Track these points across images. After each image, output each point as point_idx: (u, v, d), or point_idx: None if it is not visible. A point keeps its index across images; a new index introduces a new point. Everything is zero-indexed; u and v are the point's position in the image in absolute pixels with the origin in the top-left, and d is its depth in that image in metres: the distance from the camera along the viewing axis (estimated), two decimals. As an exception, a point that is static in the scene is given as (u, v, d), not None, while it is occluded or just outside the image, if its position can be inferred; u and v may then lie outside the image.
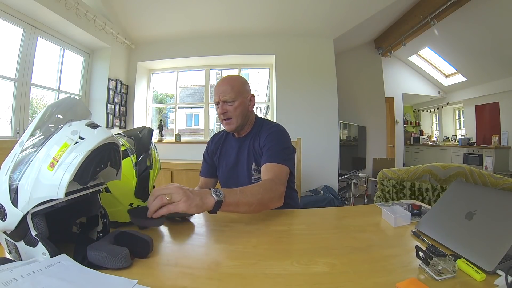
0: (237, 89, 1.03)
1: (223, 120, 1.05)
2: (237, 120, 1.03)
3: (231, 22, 3.15)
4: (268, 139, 1.01)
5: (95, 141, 0.49)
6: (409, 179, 1.53)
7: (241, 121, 1.05)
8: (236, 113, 1.02)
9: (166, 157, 3.35)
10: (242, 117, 1.04)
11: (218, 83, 1.07)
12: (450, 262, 0.47)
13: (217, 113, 1.07)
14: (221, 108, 1.02)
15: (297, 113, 3.17)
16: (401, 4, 3.22)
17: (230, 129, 1.07)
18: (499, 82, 4.58)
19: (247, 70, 3.95)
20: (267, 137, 1.02)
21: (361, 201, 3.83)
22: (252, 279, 0.49)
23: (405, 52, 4.79)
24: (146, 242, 0.54)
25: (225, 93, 1.01)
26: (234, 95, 1.02)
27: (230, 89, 1.02)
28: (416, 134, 7.48)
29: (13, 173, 0.48)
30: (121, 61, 3.31)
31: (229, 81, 1.05)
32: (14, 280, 0.40)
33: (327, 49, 3.36)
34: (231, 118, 1.03)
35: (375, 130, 4.38)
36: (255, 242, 0.65)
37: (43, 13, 2.22)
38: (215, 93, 1.05)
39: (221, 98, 1.02)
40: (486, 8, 3.23)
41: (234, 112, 1.02)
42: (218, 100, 1.03)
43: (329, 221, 0.85)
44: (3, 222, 0.47)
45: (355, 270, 0.51)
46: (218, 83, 1.07)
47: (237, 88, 1.03)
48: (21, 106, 2.24)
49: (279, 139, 1.01)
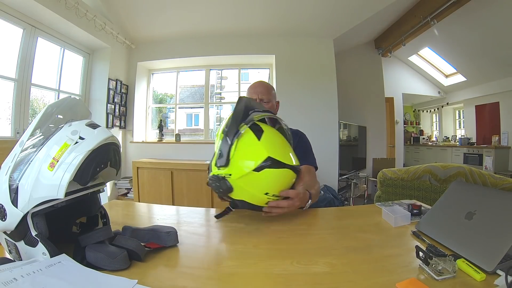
0: (272, 93, 1.21)
1: None
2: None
3: (231, 22, 3.15)
4: (302, 141, 1.18)
5: (95, 141, 0.49)
6: (409, 179, 1.53)
7: None
8: None
9: (166, 157, 3.35)
10: None
11: (255, 84, 1.23)
12: (450, 262, 0.47)
13: None
14: None
15: (297, 113, 3.17)
16: (401, 4, 3.22)
17: None
18: (499, 82, 4.58)
19: (247, 70, 3.95)
20: (302, 139, 1.19)
21: (361, 201, 3.83)
22: (252, 279, 0.49)
23: (405, 52, 4.78)
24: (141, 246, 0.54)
25: (263, 93, 1.17)
26: (270, 97, 1.19)
27: (267, 91, 1.18)
28: (416, 134, 7.48)
29: (13, 173, 0.48)
30: (121, 61, 3.31)
31: (265, 85, 1.22)
32: (14, 280, 0.40)
33: (327, 49, 3.36)
34: None
35: (375, 130, 4.37)
36: (255, 242, 0.65)
37: (43, 13, 2.22)
38: (253, 92, 1.18)
39: (259, 96, 1.16)
40: (486, 8, 3.23)
41: None
42: (256, 97, 1.16)
43: (329, 221, 0.85)
44: (3, 222, 0.47)
45: (355, 270, 0.51)
46: (256, 84, 1.23)
47: (271, 92, 1.21)
48: (21, 106, 2.24)
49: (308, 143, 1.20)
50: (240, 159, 0.67)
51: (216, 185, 0.69)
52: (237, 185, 0.68)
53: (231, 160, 0.67)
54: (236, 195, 0.70)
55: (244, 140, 0.69)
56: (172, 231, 0.60)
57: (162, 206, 1.01)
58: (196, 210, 0.94)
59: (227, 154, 0.67)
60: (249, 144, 0.69)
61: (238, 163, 0.67)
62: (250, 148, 0.69)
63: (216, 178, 0.69)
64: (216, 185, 0.69)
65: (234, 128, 0.68)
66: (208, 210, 0.97)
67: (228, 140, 0.68)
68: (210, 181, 0.71)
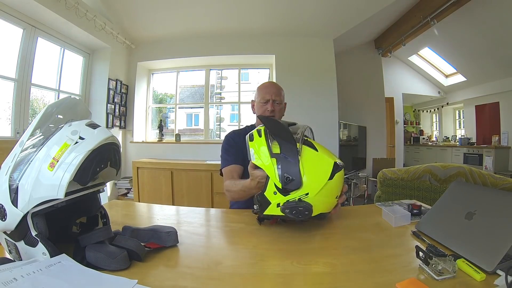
0: (283, 95, 1.24)
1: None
2: (278, 118, 1.21)
3: (231, 22, 3.15)
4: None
5: (95, 141, 0.49)
6: (409, 179, 1.53)
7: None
8: (279, 113, 1.22)
9: (166, 157, 3.35)
10: (280, 117, 1.23)
11: (268, 85, 1.25)
12: (450, 262, 0.47)
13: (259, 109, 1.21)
14: (271, 105, 1.18)
15: (297, 113, 3.17)
16: (401, 4, 3.22)
17: None
18: (499, 82, 4.58)
19: (247, 70, 3.95)
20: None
21: (361, 201, 3.83)
22: (252, 279, 0.49)
23: (405, 52, 4.78)
24: (141, 246, 0.54)
25: (276, 94, 1.20)
26: (282, 98, 1.22)
27: (279, 93, 1.21)
28: (416, 134, 7.48)
29: (13, 173, 0.48)
30: (121, 61, 3.31)
31: (277, 86, 1.24)
32: (14, 280, 0.40)
33: (327, 49, 3.36)
34: (274, 116, 1.19)
35: (375, 130, 4.37)
36: (255, 242, 0.65)
37: (43, 13, 2.22)
38: (267, 92, 1.20)
39: (273, 97, 1.19)
40: (486, 8, 3.22)
41: (279, 112, 1.21)
42: (270, 98, 1.18)
43: (329, 221, 0.85)
44: (3, 222, 0.47)
45: (355, 270, 0.51)
46: (269, 84, 1.25)
47: (282, 94, 1.24)
48: (21, 106, 2.24)
49: None
50: (312, 175, 0.66)
51: (297, 210, 0.65)
52: (315, 201, 0.66)
53: (303, 179, 0.65)
54: (314, 212, 0.66)
55: (307, 157, 0.67)
56: (172, 231, 0.60)
57: (162, 206, 1.01)
58: (196, 210, 0.94)
59: (299, 176, 0.65)
60: (312, 158, 0.68)
61: (312, 179, 0.66)
62: (315, 161, 0.68)
63: (294, 203, 0.65)
64: (298, 210, 0.65)
65: (293, 148, 0.66)
66: (208, 210, 0.97)
67: (292, 161, 0.65)
68: (287, 209, 0.65)
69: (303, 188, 0.65)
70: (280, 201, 0.66)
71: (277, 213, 0.67)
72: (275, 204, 0.67)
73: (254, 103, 1.26)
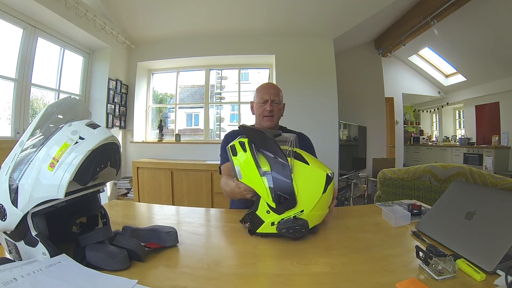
0: (281, 95, 1.24)
1: (266, 116, 1.19)
2: (277, 118, 1.22)
3: (231, 22, 3.15)
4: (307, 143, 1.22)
5: (95, 141, 0.49)
6: (409, 179, 1.53)
7: (277, 120, 1.24)
8: (278, 113, 1.22)
9: (166, 157, 3.35)
10: (278, 117, 1.24)
11: (267, 85, 1.25)
12: (450, 262, 0.47)
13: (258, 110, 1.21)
14: (269, 105, 1.17)
15: (297, 113, 3.16)
16: (401, 4, 3.22)
17: (270, 125, 1.20)
18: (499, 82, 4.58)
19: (247, 70, 3.95)
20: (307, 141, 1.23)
21: (361, 201, 3.83)
22: (252, 279, 0.49)
23: (405, 52, 4.78)
24: (141, 246, 0.54)
25: (275, 95, 1.19)
26: (280, 99, 1.22)
27: (278, 93, 1.21)
28: (416, 134, 7.48)
29: (13, 173, 0.48)
30: (121, 61, 3.30)
31: (276, 87, 1.24)
32: (14, 280, 0.40)
33: (327, 49, 3.35)
34: (273, 116, 1.19)
35: (375, 130, 4.37)
36: (255, 242, 0.65)
37: (43, 13, 2.22)
38: (266, 93, 1.20)
39: (271, 98, 1.18)
40: (486, 8, 3.22)
41: (278, 112, 1.21)
42: (268, 98, 1.18)
43: (329, 221, 0.85)
44: (3, 222, 0.47)
45: (355, 270, 0.51)
46: (267, 85, 1.25)
47: (281, 95, 1.24)
48: (21, 106, 2.24)
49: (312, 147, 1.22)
50: (306, 192, 0.63)
51: (294, 229, 0.63)
52: (310, 216, 0.65)
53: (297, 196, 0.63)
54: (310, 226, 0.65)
55: (299, 172, 0.64)
56: (172, 231, 0.60)
57: (162, 206, 1.01)
58: (196, 210, 0.94)
59: (294, 195, 0.62)
60: (305, 174, 0.65)
61: (307, 196, 0.63)
62: (308, 176, 0.65)
63: (290, 222, 0.63)
64: (295, 229, 0.63)
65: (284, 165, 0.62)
66: (208, 210, 0.97)
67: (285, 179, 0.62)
68: (283, 229, 0.63)
69: (298, 206, 0.63)
70: (274, 220, 0.64)
71: (271, 231, 0.65)
72: (269, 223, 0.65)
73: (253, 104, 1.26)
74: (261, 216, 0.65)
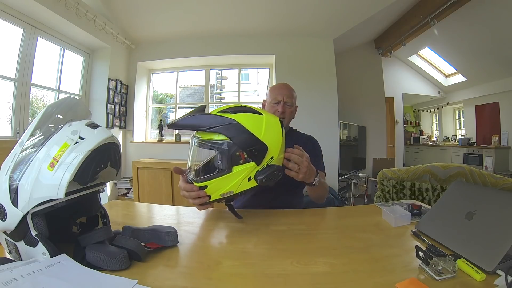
0: (295, 97, 1.20)
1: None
2: (288, 120, 1.19)
3: (231, 22, 3.15)
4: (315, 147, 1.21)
5: (95, 141, 0.49)
6: (409, 179, 1.53)
7: (288, 123, 1.20)
8: (290, 115, 1.19)
9: (166, 157, 3.35)
10: (290, 119, 1.21)
11: (280, 86, 1.20)
12: (450, 262, 0.47)
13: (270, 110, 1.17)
14: (282, 107, 1.14)
15: (297, 113, 3.17)
16: (401, 4, 3.22)
17: None
18: (499, 82, 4.58)
19: (247, 70, 3.95)
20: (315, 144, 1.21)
21: (361, 201, 3.83)
22: (252, 279, 0.49)
23: (405, 52, 4.78)
24: (141, 246, 0.54)
25: (288, 96, 1.15)
26: (293, 101, 1.19)
27: (291, 94, 1.17)
28: (416, 134, 7.48)
29: (13, 173, 0.48)
30: (121, 61, 3.30)
31: (290, 89, 1.20)
32: (14, 280, 0.40)
33: (327, 49, 3.36)
34: (285, 118, 1.15)
35: (375, 130, 4.37)
36: (255, 242, 0.65)
37: (43, 13, 2.22)
38: (279, 93, 1.16)
39: (284, 99, 1.14)
40: (486, 8, 3.22)
41: (290, 114, 1.18)
42: (281, 99, 1.14)
43: (329, 221, 0.85)
44: (3, 222, 0.47)
45: (355, 270, 0.51)
46: (281, 85, 1.20)
47: (295, 96, 1.20)
48: (21, 106, 2.24)
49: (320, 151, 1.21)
50: (270, 138, 0.68)
51: (272, 174, 0.68)
52: (279, 160, 0.70)
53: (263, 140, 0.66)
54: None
55: (257, 122, 0.68)
56: (172, 231, 0.60)
57: (162, 206, 1.01)
58: (196, 210, 0.93)
59: (258, 140, 0.66)
60: (261, 122, 0.69)
61: (271, 142, 0.68)
62: (266, 124, 0.69)
63: (266, 169, 0.68)
64: (273, 174, 0.68)
65: (232, 124, 0.66)
66: (208, 210, 0.97)
67: (244, 134, 0.65)
68: (264, 178, 0.67)
69: (268, 153, 0.68)
70: (250, 174, 0.68)
71: (252, 185, 0.68)
72: (246, 179, 0.68)
73: (265, 103, 1.23)
74: (245, 189, 0.69)
